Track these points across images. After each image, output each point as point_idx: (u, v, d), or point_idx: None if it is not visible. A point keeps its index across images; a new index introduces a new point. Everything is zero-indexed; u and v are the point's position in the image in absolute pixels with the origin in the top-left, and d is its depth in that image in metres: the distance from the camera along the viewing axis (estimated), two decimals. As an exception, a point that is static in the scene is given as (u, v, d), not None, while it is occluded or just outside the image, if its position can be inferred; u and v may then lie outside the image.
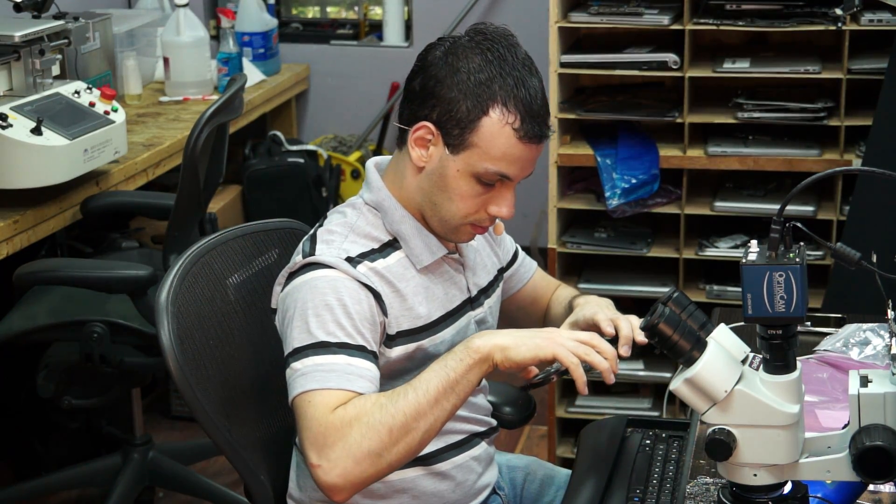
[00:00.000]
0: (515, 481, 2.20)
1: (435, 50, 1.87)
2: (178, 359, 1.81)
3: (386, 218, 1.91)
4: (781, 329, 1.53)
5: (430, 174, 1.87)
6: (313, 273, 1.82)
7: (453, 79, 1.82)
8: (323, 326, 1.78)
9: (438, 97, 1.83)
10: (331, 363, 1.76)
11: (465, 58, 1.83)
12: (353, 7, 4.75)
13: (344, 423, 1.71)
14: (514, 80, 1.82)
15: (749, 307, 1.52)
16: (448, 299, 1.95)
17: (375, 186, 1.93)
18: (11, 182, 2.78)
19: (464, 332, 1.97)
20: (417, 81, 1.87)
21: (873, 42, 3.15)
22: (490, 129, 1.81)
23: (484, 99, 1.81)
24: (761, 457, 1.56)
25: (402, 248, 1.91)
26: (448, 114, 1.82)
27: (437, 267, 1.94)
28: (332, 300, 1.79)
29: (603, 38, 3.39)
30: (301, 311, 1.80)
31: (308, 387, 1.75)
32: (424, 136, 1.85)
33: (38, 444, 3.51)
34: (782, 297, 1.50)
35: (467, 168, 1.83)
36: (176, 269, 1.89)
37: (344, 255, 1.84)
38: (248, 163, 4.25)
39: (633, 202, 3.27)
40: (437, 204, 1.87)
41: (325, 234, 1.88)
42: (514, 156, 1.83)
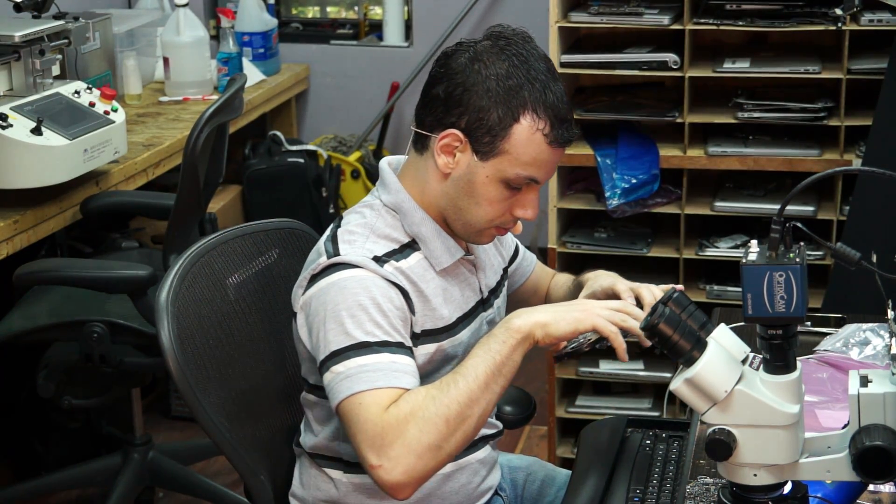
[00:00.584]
0: (516, 482, 2.20)
1: (458, 56, 1.85)
2: (178, 359, 1.81)
3: (405, 220, 1.91)
4: (781, 329, 1.53)
5: (456, 180, 1.87)
6: (341, 273, 1.81)
7: (483, 86, 1.82)
8: (360, 326, 1.77)
9: (467, 105, 1.82)
10: (375, 363, 1.75)
11: (492, 64, 1.82)
12: (353, 7, 4.75)
13: (399, 420, 1.70)
14: (541, 84, 1.82)
15: (749, 307, 1.52)
16: (464, 301, 1.96)
17: (394, 188, 1.92)
18: (11, 182, 2.78)
19: (477, 334, 1.97)
20: (441, 88, 1.85)
21: (873, 42, 3.15)
22: (521, 136, 1.82)
23: (515, 106, 1.81)
24: (761, 457, 1.56)
25: (422, 249, 1.90)
26: (478, 121, 1.82)
27: (453, 269, 1.94)
28: (364, 300, 1.78)
29: (603, 38, 3.39)
30: (334, 313, 1.79)
31: (356, 388, 1.74)
32: (451, 143, 1.85)
33: (38, 444, 3.51)
34: (782, 297, 1.50)
35: (497, 174, 1.84)
36: (176, 269, 1.89)
37: (370, 254, 1.84)
38: (248, 163, 4.25)
39: (633, 202, 3.27)
40: (463, 209, 1.88)
41: (346, 234, 1.87)
42: (543, 160, 1.85)
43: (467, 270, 1.98)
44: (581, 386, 3.50)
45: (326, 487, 1.95)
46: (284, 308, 2.07)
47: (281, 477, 2.02)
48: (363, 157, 4.40)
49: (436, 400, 1.71)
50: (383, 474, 1.70)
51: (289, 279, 2.09)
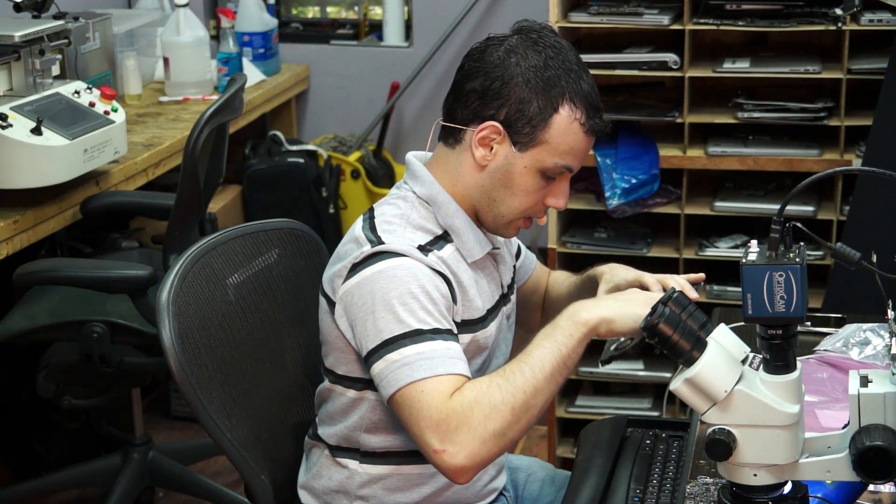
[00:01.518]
0: (517, 481, 2.20)
1: (493, 51, 1.88)
2: (179, 359, 1.81)
3: (439, 212, 1.92)
4: (781, 329, 1.53)
5: (493, 172, 1.89)
6: (388, 262, 1.81)
7: (522, 77, 1.85)
8: (413, 314, 1.78)
9: (507, 97, 1.85)
10: (431, 350, 1.76)
11: (528, 56, 1.86)
12: (353, 7, 4.75)
13: (465, 406, 1.71)
14: (575, 74, 1.87)
15: (749, 307, 1.52)
16: (491, 293, 1.98)
17: (427, 181, 1.93)
18: (11, 182, 2.78)
19: (500, 327, 2.00)
20: (478, 82, 1.88)
21: (873, 42, 3.15)
22: (560, 126, 1.85)
23: (554, 96, 1.84)
24: (761, 457, 1.56)
25: (454, 241, 1.92)
26: (518, 112, 1.85)
27: (482, 262, 1.96)
28: (414, 288, 1.79)
29: (603, 38, 3.39)
30: (384, 301, 1.79)
31: (417, 376, 1.74)
32: (490, 135, 1.87)
33: (38, 444, 3.51)
34: (782, 297, 1.50)
35: (535, 164, 1.87)
36: (176, 269, 1.89)
37: (413, 243, 1.85)
38: (248, 163, 4.25)
39: (633, 202, 3.27)
40: (498, 200, 1.90)
41: (384, 224, 1.88)
42: (579, 149, 1.89)
43: (492, 264, 2.00)
44: (581, 386, 3.50)
45: (339, 477, 1.95)
46: (284, 308, 2.07)
47: (281, 477, 2.02)
48: (363, 157, 4.40)
49: (501, 388, 1.72)
50: (448, 458, 1.71)
51: (288, 279, 2.09)
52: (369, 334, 1.80)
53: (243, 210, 4.23)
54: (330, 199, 4.29)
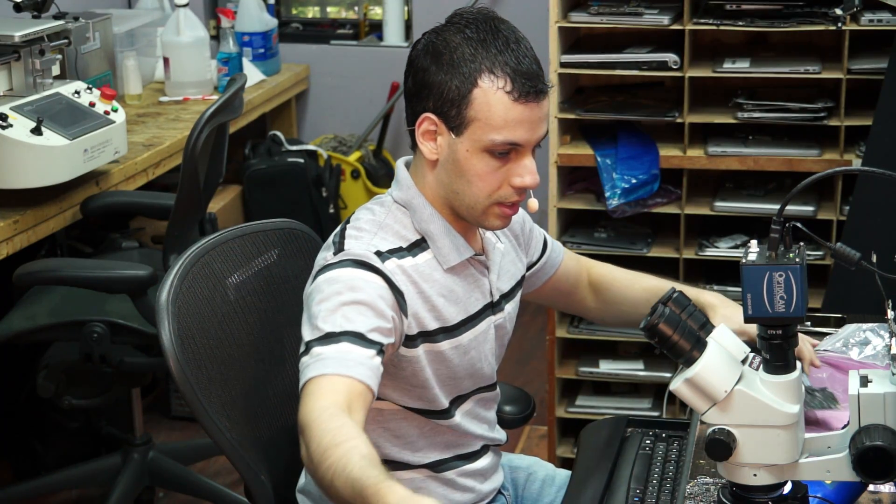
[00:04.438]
0: (517, 481, 2.20)
1: (417, 45, 1.89)
2: (179, 359, 1.81)
3: (415, 216, 1.90)
4: (781, 329, 1.53)
5: (444, 164, 1.86)
6: (338, 271, 1.80)
7: (438, 63, 1.83)
8: (329, 320, 1.76)
9: (429, 85, 1.84)
10: (330, 350, 1.72)
11: (445, 41, 1.84)
12: (353, 7, 4.75)
13: (304, 418, 1.65)
14: (497, 48, 1.81)
15: (749, 307, 1.52)
16: (470, 302, 1.94)
17: (405, 185, 1.92)
18: (11, 182, 2.78)
19: (483, 337, 1.96)
20: (409, 80, 1.89)
21: (873, 42, 3.15)
22: (483, 99, 1.80)
23: (471, 72, 1.81)
24: (761, 457, 1.56)
25: (430, 247, 1.90)
26: (441, 98, 1.82)
27: (462, 269, 1.93)
28: (343, 298, 1.77)
29: (603, 38, 3.39)
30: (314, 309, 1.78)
31: (309, 376, 1.72)
32: (428, 128, 1.86)
33: (38, 444, 3.51)
34: (782, 297, 1.50)
35: (475, 144, 1.82)
36: (176, 269, 1.89)
37: (373, 248, 1.84)
38: (248, 163, 4.25)
39: (633, 202, 3.27)
40: (459, 191, 1.86)
41: (354, 230, 1.87)
42: (515, 119, 1.81)
43: (477, 271, 1.96)
44: (581, 386, 3.50)
45: None
46: (284, 308, 2.07)
47: (281, 477, 2.02)
48: (363, 157, 4.40)
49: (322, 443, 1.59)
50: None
51: (288, 279, 2.09)
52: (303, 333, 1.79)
53: (243, 210, 4.23)
54: (330, 199, 4.29)
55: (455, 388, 1.96)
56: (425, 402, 1.93)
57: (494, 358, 2.02)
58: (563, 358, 3.43)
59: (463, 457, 2.00)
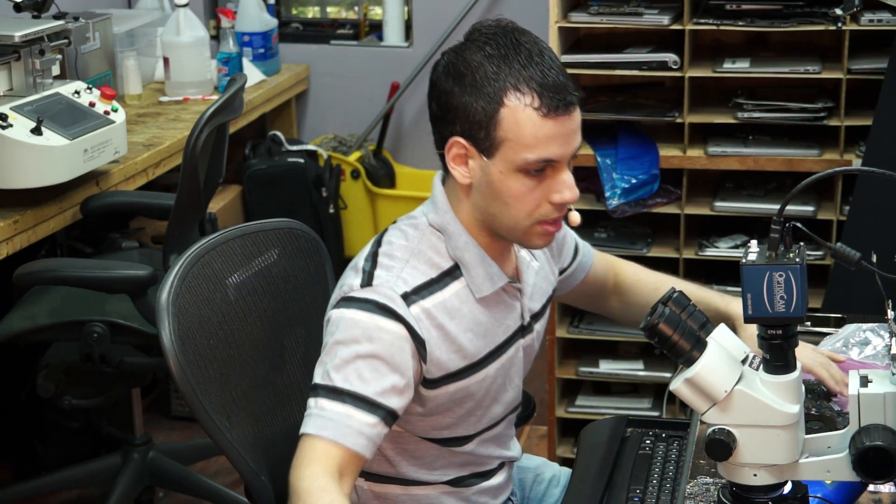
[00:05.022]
0: (525, 482, 2.19)
1: (437, 66, 1.82)
2: (179, 359, 1.81)
3: (449, 243, 1.84)
4: (781, 329, 1.53)
5: (478, 187, 1.80)
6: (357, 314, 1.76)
7: (461, 84, 1.76)
8: (341, 371, 1.74)
9: (454, 109, 1.77)
10: (332, 411, 1.73)
11: (466, 61, 1.77)
12: (353, 7, 4.75)
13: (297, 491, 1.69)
14: (519, 63, 1.75)
15: (749, 307, 1.52)
16: (499, 332, 1.89)
17: (442, 208, 1.86)
18: (11, 182, 2.78)
19: (510, 362, 1.93)
20: (434, 103, 1.82)
21: (873, 42, 3.15)
22: (512, 118, 1.74)
23: (495, 91, 1.74)
24: (761, 457, 1.56)
25: (464, 275, 1.84)
26: (468, 120, 1.76)
27: (494, 297, 1.88)
28: (361, 349, 1.74)
29: (603, 38, 3.39)
30: (330, 350, 1.76)
31: (307, 430, 1.74)
32: (458, 152, 1.79)
33: (38, 444, 3.51)
34: (782, 297, 1.50)
35: (508, 166, 1.76)
36: (176, 269, 1.89)
37: (401, 288, 1.78)
38: (248, 163, 4.25)
39: (633, 202, 3.27)
40: (497, 214, 1.80)
41: (386, 258, 1.82)
42: (546, 135, 1.75)
43: (510, 297, 1.91)
44: (581, 386, 3.50)
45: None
46: (285, 308, 2.07)
47: (282, 477, 2.01)
48: (363, 157, 4.40)
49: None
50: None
51: (289, 279, 2.09)
52: (315, 371, 1.79)
53: (243, 210, 4.23)
54: (330, 199, 4.29)
55: (478, 421, 1.93)
56: (447, 432, 1.91)
57: (520, 379, 1.99)
58: (563, 358, 3.43)
59: (480, 474, 1.99)
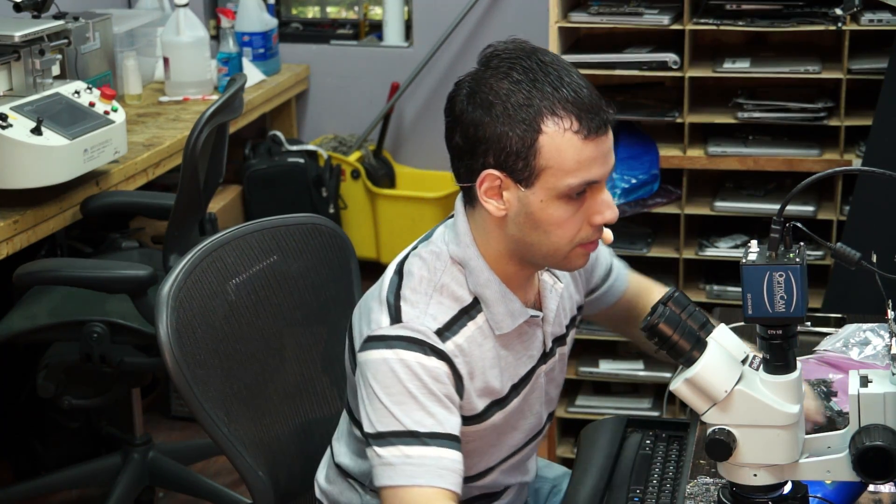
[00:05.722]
0: (541, 492, 2.16)
1: (458, 97, 1.72)
2: (174, 352, 1.81)
3: (471, 278, 1.77)
4: (781, 329, 1.53)
5: (515, 219, 1.72)
6: (397, 352, 1.71)
7: (491, 115, 1.68)
8: (409, 415, 1.69)
9: (486, 140, 1.69)
10: (420, 456, 1.68)
11: (492, 89, 1.69)
12: (353, 7, 4.75)
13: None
14: (550, 85, 1.68)
15: (749, 307, 1.52)
16: (522, 364, 1.85)
17: (464, 241, 1.78)
18: (11, 182, 2.78)
19: (531, 390, 1.88)
20: (458, 136, 1.72)
21: (873, 42, 3.15)
22: (552, 145, 1.67)
23: (531, 118, 1.66)
24: (761, 457, 1.56)
25: (484, 311, 1.78)
26: (504, 152, 1.68)
27: (515, 330, 1.82)
28: (414, 388, 1.70)
29: (603, 38, 3.39)
30: (382, 395, 1.71)
31: (397, 481, 1.69)
32: (492, 184, 1.70)
33: (38, 444, 3.51)
34: (782, 297, 1.50)
35: (549, 194, 1.69)
36: (183, 263, 1.89)
37: (433, 325, 1.73)
38: (248, 163, 4.25)
39: (633, 202, 3.27)
40: (535, 244, 1.73)
41: (410, 292, 1.76)
42: (588, 158, 1.68)
43: (531, 327, 1.84)
44: (581, 386, 3.50)
45: (351, 496, 1.94)
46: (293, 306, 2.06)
47: (284, 476, 2.02)
48: (363, 157, 4.40)
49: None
50: None
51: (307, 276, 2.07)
52: (368, 420, 1.73)
53: (243, 210, 4.24)
54: (330, 199, 4.29)
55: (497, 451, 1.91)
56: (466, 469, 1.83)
57: (542, 405, 1.94)
58: (563, 358, 3.42)
59: (489, 495, 1.97)
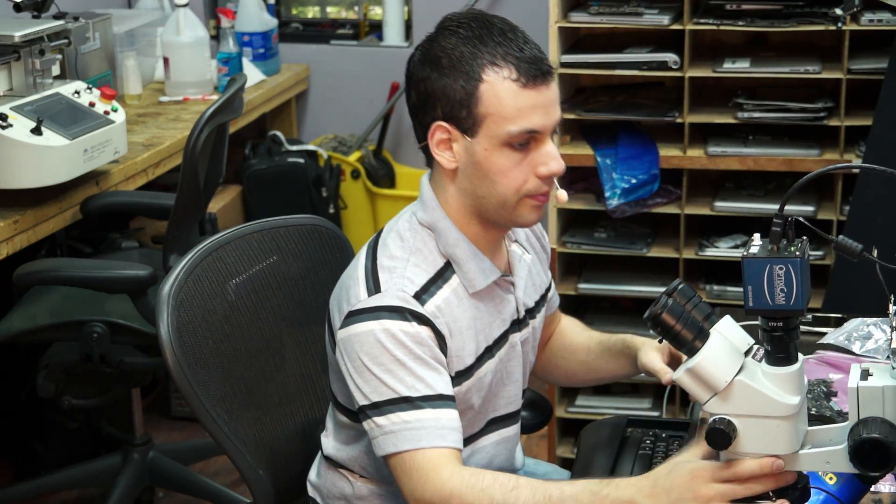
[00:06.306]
0: None
1: (413, 58, 1.85)
2: (175, 352, 1.81)
3: (440, 240, 1.84)
4: (782, 321, 1.53)
5: (464, 170, 1.81)
6: (377, 323, 1.75)
7: (438, 69, 1.79)
8: (401, 381, 1.73)
9: (433, 93, 1.80)
10: (418, 420, 1.72)
11: (441, 46, 1.80)
12: (353, 7, 4.75)
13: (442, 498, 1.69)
14: (494, 40, 1.78)
15: (750, 299, 1.52)
16: (495, 326, 1.89)
17: (430, 205, 1.85)
18: (11, 182, 2.78)
19: (507, 356, 1.92)
20: (412, 94, 1.84)
21: (873, 42, 3.16)
22: (491, 92, 1.76)
23: (473, 68, 1.76)
24: (761, 447, 1.56)
25: (456, 272, 1.84)
26: (448, 102, 1.78)
27: (488, 292, 1.86)
28: (401, 355, 1.74)
29: (603, 38, 3.39)
30: (372, 365, 1.75)
31: (401, 447, 1.72)
32: (441, 136, 1.80)
33: (38, 444, 3.51)
34: (782, 289, 1.50)
35: (492, 141, 1.77)
36: (183, 264, 1.89)
37: (411, 288, 1.78)
38: (248, 163, 4.25)
39: (633, 202, 3.27)
40: (485, 195, 1.80)
41: (386, 259, 1.81)
42: (528, 106, 1.77)
43: (503, 290, 1.90)
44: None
45: (342, 485, 1.95)
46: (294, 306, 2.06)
47: (283, 475, 2.02)
48: (363, 157, 4.40)
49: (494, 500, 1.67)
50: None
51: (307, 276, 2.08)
52: (359, 391, 1.77)
53: (243, 210, 4.23)
54: (330, 199, 4.29)
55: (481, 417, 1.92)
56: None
57: (521, 375, 1.97)
58: (563, 358, 3.42)
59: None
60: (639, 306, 3.33)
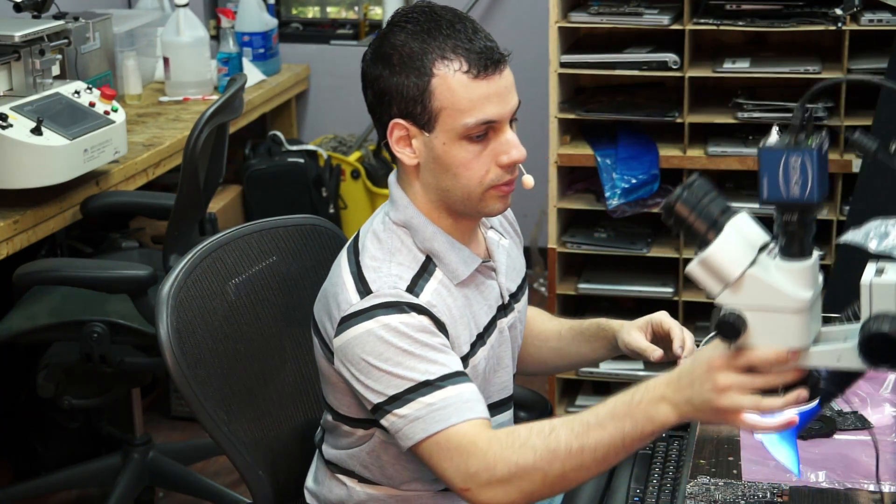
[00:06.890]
0: None
1: (365, 57, 1.85)
2: (175, 352, 1.81)
3: (416, 236, 1.83)
4: (797, 214, 1.52)
5: (426, 166, 1.81)
6: (378, 320, 1.74)
7: (389, 66, 1.79)
8: (413, 369, 1.73)
9: (388, 91, 1.80)
10: (442, 399, 1.71)
11: (391, 43, 1.79)
12: (353, 7, 4.76)
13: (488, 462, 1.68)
14: (442, 34, 1.77)
15: (765, 190, 1.51)
16: (484, 312, 1.89)
17: (401, 204, 1.85)
18: (11, 182, 2.78)
19: (496, 343, 1.92)
20: (368, 94, 1.85)
21: (873, 42, 3.16)
22: (444, 86, 1.76)
23: (423, 64, 1.76)
24: (772, 340, 1.54)
25: (438, 266, 1.83)
26: (403, 99, 1.78)
27: (471, 280, 1.87)
28: (407, 345, 1.73)
29: (603, 38, 3.40)
30: (381, 363, 1.74)
31: (431, 429, 1.71)
32: (400, 134, 1.81)
33: (38, 444, 3.51)
34: (797, 181, 1.49)
35: (450, 135, 1.77)
36: (183, 263, 1.89)
37: (401, 284, 1.78)
38: (248, 163, 4.26)
39: (633, 202, 3.28)
40: (450, 188, 1.80)
41: (370, 260, 1.81)
42: (481, 96, 1.76)
43: (486, 278, 1.90)
44: (581, 386, 3.50)
45: (339, 491, 1.95)
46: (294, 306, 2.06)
47: (283, 476, 2.02)
48: (363, 157, 4.40)
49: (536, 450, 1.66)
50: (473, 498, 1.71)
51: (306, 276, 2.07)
52: (371, 391, 1.75)
53: (243, 210, 4.24)
54: (330, 199, 4.30)
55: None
56: None
57: (510, 361, 1.98)
58: (563, 358, 3.43)
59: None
60: (639, 306, 3.33)
